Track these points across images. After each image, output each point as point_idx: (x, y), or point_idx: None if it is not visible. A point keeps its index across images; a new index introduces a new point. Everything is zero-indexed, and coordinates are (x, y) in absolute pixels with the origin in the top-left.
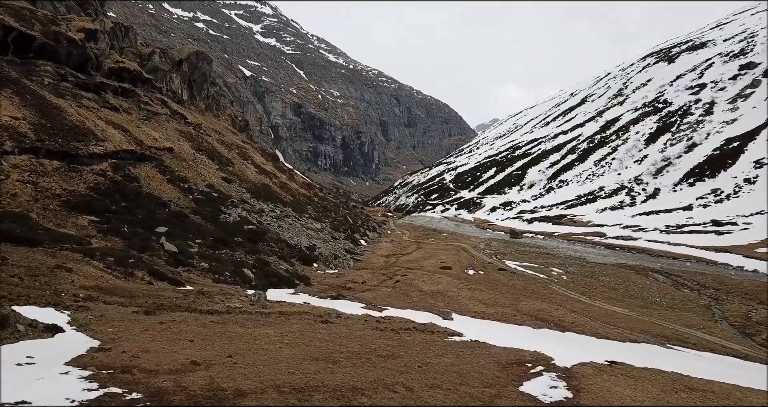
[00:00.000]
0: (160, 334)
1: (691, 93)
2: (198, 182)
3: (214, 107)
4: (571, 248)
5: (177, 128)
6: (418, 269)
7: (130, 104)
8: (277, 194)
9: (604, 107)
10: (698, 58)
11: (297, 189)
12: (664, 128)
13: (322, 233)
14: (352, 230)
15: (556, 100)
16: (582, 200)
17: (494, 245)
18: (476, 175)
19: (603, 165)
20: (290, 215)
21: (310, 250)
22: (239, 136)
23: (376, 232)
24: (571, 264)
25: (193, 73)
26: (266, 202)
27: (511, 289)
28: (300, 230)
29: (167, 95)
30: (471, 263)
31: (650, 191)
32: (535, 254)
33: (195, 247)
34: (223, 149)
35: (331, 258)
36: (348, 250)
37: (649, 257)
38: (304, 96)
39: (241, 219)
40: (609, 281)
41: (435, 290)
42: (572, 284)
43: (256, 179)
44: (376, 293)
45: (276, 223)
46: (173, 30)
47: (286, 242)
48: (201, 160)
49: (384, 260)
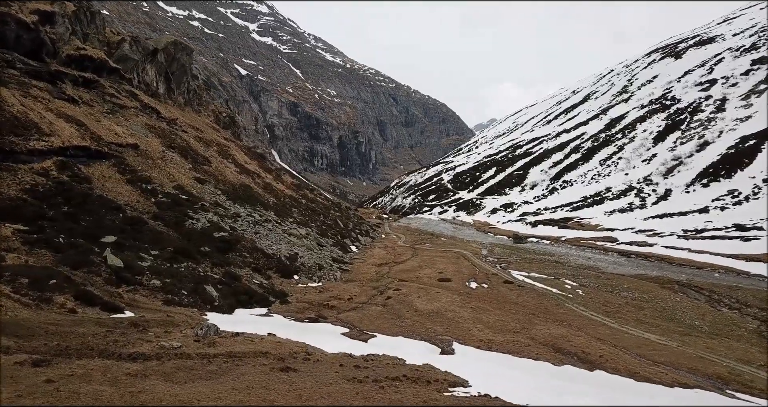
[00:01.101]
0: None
1: (701, 89)
2: (164, 183)
3: (195, 102)
4: (582, 256)
5: (147, 123)
6: (414, 282)
7: (92, 95)
8: (258, 196)
9: (608, 104)
10: (707, 54)
11: (283, 190)
12: (673, 126)
13: (306, 240)
14: (341, 235)
15: (557, 98)
16: (588, 202)
17: (497, 252)
18: (475, 175)
19: (609, 165)
20: (271, 220)
21: (290, 260)
22: (222, 133)
23: (369, 236)
24: (585, 275)
25: (171, 65)
26: (244, 205)
27: (521, 308)
28: (281, 236)
29: (139, 88)
30: (473, 273)
31: (661, 192)
32: (543, 263)
33: (148, 260)
34: (200, 147)
35: (315, 269)
36: (336, 258)
37: (669, 266)
38: (300, 95)
39: (212, 225)
40: (633, 297)
41: (432, 310)
42: (591, 301)
43: (236, 179)
44: (364, 314)
45: (253, 229)
46: (168, 28)
47: (263, 251)
48: (171, 158)
49: (375, 270)
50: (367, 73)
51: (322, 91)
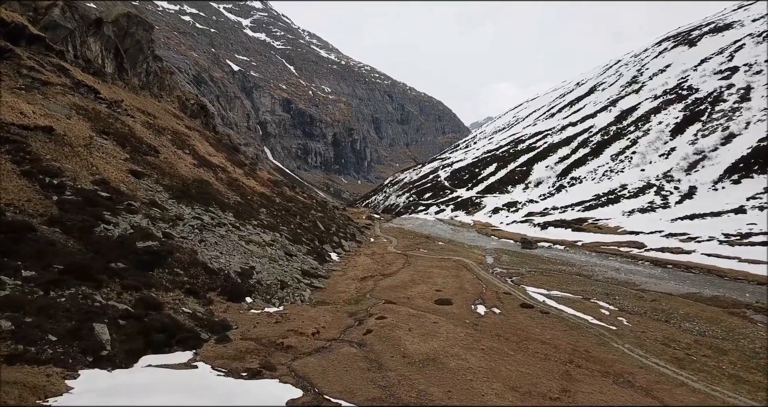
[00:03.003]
0: None
1: (721, 78)
2: (81, 177)
3: (155, 86)
4: (607, 265)
5: (75, 103)
6: (404, 304)
7: (4, 67)
8: (215, 194)
9: (618, 95)
10: (725, 41)
11: (253, 187)
12: (693, 117)
13: (271, 249)
14: (320, 240)
15: (560, 91)
16: (602, 201)
17: (505, 260)
18: (474, 172)
19: (622, 160)
20: (225, 224)
21: (243, 276)
22: (187, 121)
23: (355, 241)
24: (622, 294)
25: (124, 41)
26: (193, 205)
27: (552, 350)
28: (235, 245)
29: (76, 64)
30: (479, 291)
31: (685, 189)
32: (564, 276)
33: (7, 287)
34: (148, 134)
35: (276, 288)
36: (308, 271)
37: (722, 281)
38: (294, 92)
39: (136, 232)
40: (701, 331)
41: (427, 354)
42: (645, 337)
43: (190, 173)
44: (330, 360)
45: (197, 236)
46: (158, 22)
47: (205, 265)
48: (101, 146)
49: (357, 287)
50: (362, 70)
51: (317, 88)
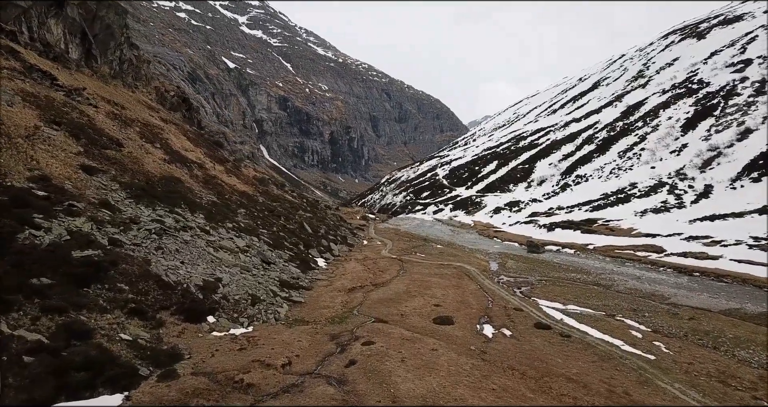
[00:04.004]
0: None
1: (734, 71)
2: (14, 172)
3: (130, 76)
4: (626, 273)
5: (23, 89)
6: (397, 323)
7: None
8: (186, 193)
9: (623, 90)
10: (735, 33)
11: (234, 186)
12: (705, 112)
13: (245, 256)
14: (306, 243)
15: (561, 87)
16: (611, 200)
17: (511, 267)
18: (474, 169)
19: (630, 157)
20: (192, 227)
21: (206, 290)
22: (164, 114)
23: (347, 244)
24: (652, 310)
25: (93, 25)
26: (155, 205)
27: (582, 392)
28: (201, 252)
29: (32, 47)
30: (484, 306)
31: (700, 188)
32: (579, 286)
33: None
34: (112, 126)
35: (246, 304)
36: (287, 282)
37: (762, 292)
38: (290, 89)
39: (74, 239)
40: (761, 361)
41: (424, 399)
42: (693, 370)
43: (159, 169)
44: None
45: (154, 243)
46: (152, 19)
47: (159, 278)
48: (48, 137)
49: (343, 301)
50: (359, 68)
51: (313, 86)
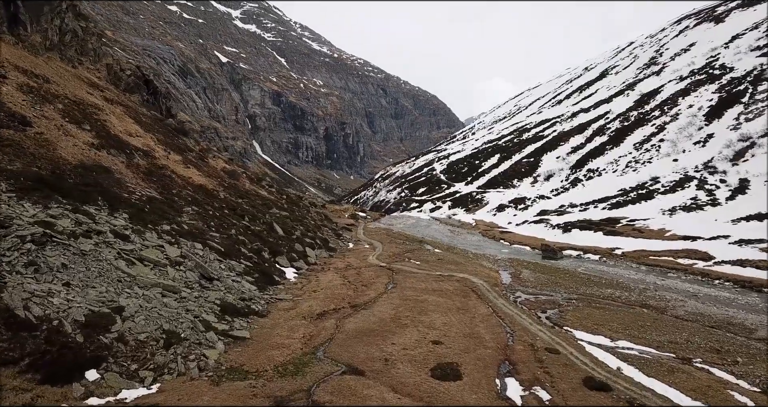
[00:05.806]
0: None
1: (761, 54)
2: None
3: (72, 49)
4: (676, 288)
5: None
6: (377, 377)
7: None
8: (111, 186)
9: (635, 78)
10: (757, 15)
11: (189, 178)
12: (731, 99)
13: (176, 270)
14: (274, 250)
15: (565, 77)
16: (631, 197)
17: (527, 278)
18: (474, 164)
19: (648, 149)
20: (103, 232)
21: (92, 328)
22: (107, 93)
23: (327, 248)
24: (742, 349)
25: None
26: (48, 202)
27: None
28: (104, 268)
29: None
30: (503, 343)
31: (734, 182)
32: (623, 309)
33: None
34: (20, 100)
35: (156, 346)
36: (231, 306)
37: None
38: (284, 85)
39: None
40: None
41: None
42: None
43: (80, 155)
44: None
45: (25, 256)
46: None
47: (12, 313)
48: None
49: (305, 334)
50: (355, 63)
51: (308, 81)
